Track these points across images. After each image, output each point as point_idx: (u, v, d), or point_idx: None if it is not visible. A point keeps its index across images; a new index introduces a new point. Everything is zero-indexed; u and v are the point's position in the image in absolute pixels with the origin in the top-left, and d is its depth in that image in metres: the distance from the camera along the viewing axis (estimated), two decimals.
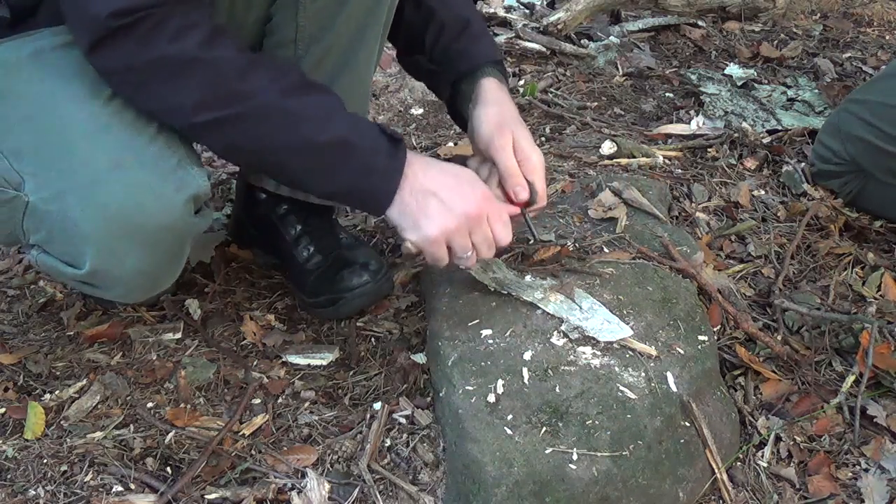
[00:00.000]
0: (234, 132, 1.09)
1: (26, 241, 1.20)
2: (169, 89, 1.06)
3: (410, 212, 1.14)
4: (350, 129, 1.12)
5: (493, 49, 1.38)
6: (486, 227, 1.17)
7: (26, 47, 1.14)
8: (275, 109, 1.08)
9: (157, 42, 1.02)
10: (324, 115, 1.11)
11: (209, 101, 1.06)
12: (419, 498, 1.14)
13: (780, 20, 2.93)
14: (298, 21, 1.23)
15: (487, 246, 1.18)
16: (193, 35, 1.04)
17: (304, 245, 1.48)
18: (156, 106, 1.10)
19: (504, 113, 1.28)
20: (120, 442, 1.21)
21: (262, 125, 1.08)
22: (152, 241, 1.14)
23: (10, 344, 1.42)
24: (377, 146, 1.13)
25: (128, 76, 1.06)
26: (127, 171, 1.09)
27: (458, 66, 1.35)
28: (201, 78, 1.05)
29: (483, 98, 1.30)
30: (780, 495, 1.19)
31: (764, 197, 1.83)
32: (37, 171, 1.11)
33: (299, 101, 1.10)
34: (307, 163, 1.12)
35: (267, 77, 1.09)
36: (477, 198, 1.16)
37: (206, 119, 1.07)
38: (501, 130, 1.25)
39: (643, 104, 2.27)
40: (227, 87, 1.06)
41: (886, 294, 1.56)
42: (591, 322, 1.22)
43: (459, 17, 1.37)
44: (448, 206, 1.14)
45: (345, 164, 1.12)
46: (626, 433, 1.10)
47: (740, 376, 1.36)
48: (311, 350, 1.41)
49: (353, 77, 1.31)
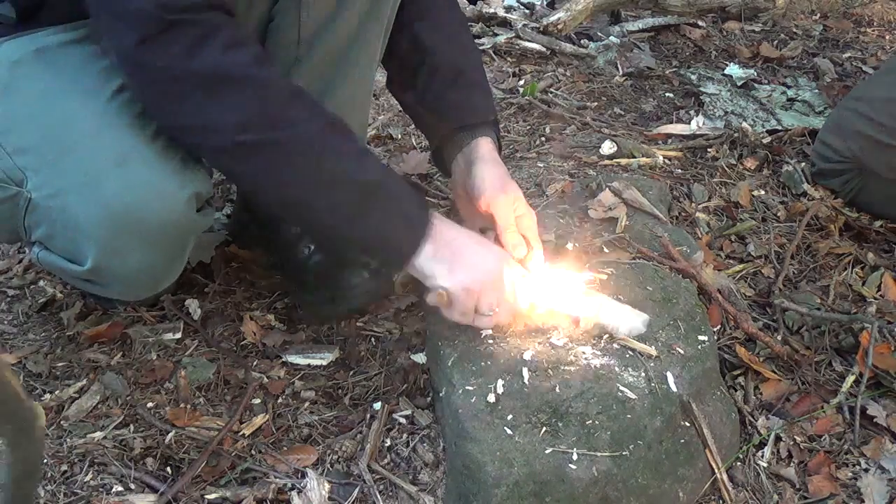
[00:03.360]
0: (272, 158, 1.06)
1: (28, 238, 1.20)
2: (214, 104, 1.02)
3: (445, 259, 1.14)
4: (384, 173, 1.13)
5: (488, 105, 1.39)
6: (513, 289, 1.18)
7: (31, 45, 1.14)
8: (318, 141, 1.07)
9: (209, 51, 0.99)
10: (359, 156, 1.11)
11: (253, 122, 1.03)
12: (419, 498, 1.14)
13: (780, 20, 2.93)
14: (301, 22, 1.23)
15: (509, 307, 1.18)
16: (246, 51, 1.03)
17: (304, 244, 1.48)
18: (192, 121, 1.05)
19: (503, 173, 1.31)
20: (120, 442, 1.21)
21: (302, 154, 1.07)
22: (154, 239, 1.14)
23: (10, 344, 1.42)
24: (409, 195, 1.13)
25: (170, 86, 1.02)
26: (130, 169, 1.09)
27: (452, 120, 1.35)
28: (251, 97, 1.03)
29: (482, 157, 1.31)
30: (780, 495, 1.19)
31: (764, 197, 1.83)
32: (39, 168, 1.11)
33: (339, 137, 1.10)
34: (339, 200, 1.09)
35: (310, 108, 1.08)
36: (503, 258, 1.18)
37: (248, 140, 1.04)
38: (503, 188, 1.27)
39: (643, 104, 2.27)
40: (275, 110, 1.04)
41: (886, 294, 1.56)
42: (607, 317, 1.22)
43: (454, 62, 1.36)
44: (484, 257, 1.15)
45: (378, 205, 1.10)
46: (626, 433, 1.10)
47: (740, 376, 1.36)
48: (311, 350, 1.41)
49: (355, 77, 1.32)
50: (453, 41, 1.40)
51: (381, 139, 2.08)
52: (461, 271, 1.14)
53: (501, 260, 1.18)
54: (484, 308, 1.16)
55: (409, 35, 1.37)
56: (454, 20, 1.44)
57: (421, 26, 1.38)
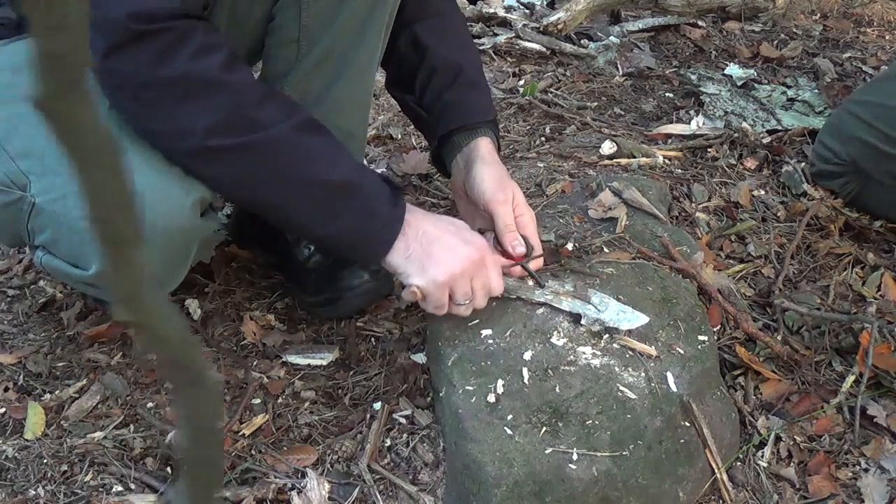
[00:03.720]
0: (243, 161, 1.07)
1: (31, 242, 1.20)
2: (184, 109, 1.03)
3: (416, 256, 1.14)
4: (357, 172, 1.13)
5: (486, 104, 1.39)
6: (487, 274, 1.18)
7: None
8: (288, 142, 1.07)
9: (177, 58, 1.00)
10: (332, 156, 1.11)
11: (223, 126, 1.04)
12: (419, 498, 1.14)
13: (780, 20, 2.93)
14: (301, 20, 1.23)
15: (485, 293, 1.19)
16: (215, 56, 1.03)
17: (304, 244, 1.48)
18: (163, 126, 1.06)
19: (503, 173, 1.32)
20: (120, 442, 1.21)
21: (273, 156, 1.07)
22: (159, 244, 1.14)
23: (10, 344, 1.42)
24: (380, 192, 1.13)
25: (140, 92, 1.03)
26: (135, 173, 1.08)
27: (451, 120, 1.36)
28: (220, 101, 1.03)
29: (481, 157, 1.32)
30: (780, 495, 1.19)
31: (764, 197, 1.83)
32: (43, 172, 1.11)
33: (311, 138, 1.10)
34: (311, 200, 1.11)
35: (282, 110, 1.08)
36: (477, 244, 1.18)
37: (217, 144, 1.05)
38: (503, 188, 1.28)
39: (643, 104, 2.27)
40: (245, 113, 1.05)
41: (886, 294, 1.56)
42: (608, 314, 1.23)
43: (452, 61, 1.37)
44: (453, 250, 1.14)
45: (349, 205, 1.11)
46: (626, 433, 1.10)
47: (740, 376, 1.36)
48: (311, 350, 1.41)
49: (355, 76, 1.31)
50: (452, 41, 1.41)
51: (381, 139, 2.08)
52: (432, 267, 1.14)
53: (473, 248, 1.17)
54: (459, 298, 1.17)
55: (408, 35, 1.38)
56: (453, 20, 1.44)
57: (420, 26, 1.38)
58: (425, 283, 1.15)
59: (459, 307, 1.18)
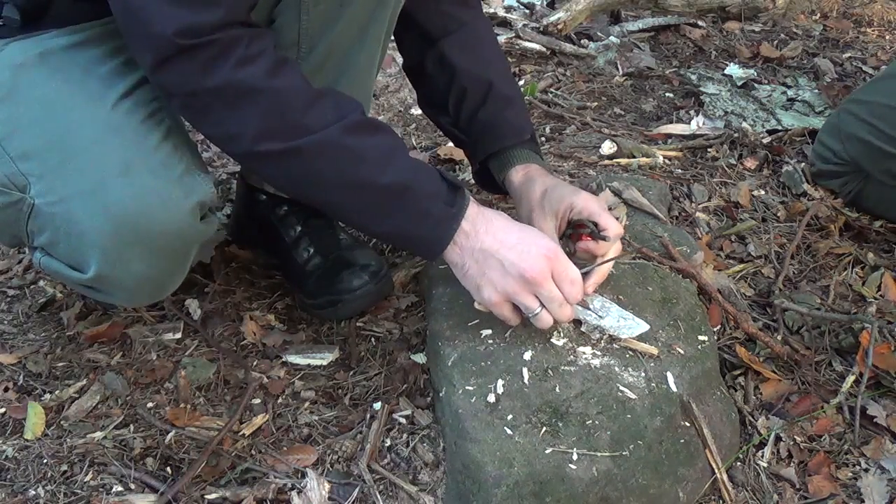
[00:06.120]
0: (292, 165, 1.08)
1: (30, 244, 1.20)
2: (231, 116, 1.05)
3: (472, 274, 1.14)
4: (410, 173, 1.12)
5: (522, 121, 1.38)
6: (552, 287, 1.13)
7: (35, 48, 1.13)
8: (335, 146, 1.08)
9: (221, 68, 1.02)
10: (384, 157, 1.11)
11: (271, 131, 1.06)
12: (419, 498, 1.14)
13: (780, 20, 2.93)
14: (301, 23, 1.23)
15: (557, 304, 1.14)
16: (259, 63, 1.04)
17: (304, 246, 1.48)
18: (215, 132, 1.10)
19: (564, 183, 1.31)
20: (120, 442, 1.22)
21: (320, 161, 1.08)
22: (158, 247, 1.14)
23: (10, 344, 1.42)
24: (436, 192, 1.13)
25: (190, 100, 1.06)
26: (134, 177, 1.09)
27: (490, 143, 1.35)
28: (265, 107, 1.05)
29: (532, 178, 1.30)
30: (780, 495, 1.19)
31: (764, 197, 1.83)
32: (43, 174, 1.11)
33: (361, 140, 1.10)
34: (361, 202, 1.12)
35: (331, 113, 1.08)
36: (540, 257, 1.12)
37: (266, 149, 1.06)
38: (578, 192, 1.25)
39: (643, 104, 2.27)
40: (290, 118, 1.06)
41: (886, 294, 1.56)
42: (608, 321, 1.22)
43: (481, 78, 1.36)
44: (507, 268, 1.12)
45: (400, 207, 1.11)
46: (626, 433, 1.10)
47: (740, 376, 1.36)
48: (311, 350, 1.41)
49: (355, 79, 1.31)
50: (479, 54, 1.39)
51: None
52: (485, 288, 1.14)
53: (539, 258, 1.12)
54: (525, 311, 1.15)
55: (434, 54, 1.37)
56: (476, 30, 1.42)
57: (445, 43, 1.37)
58: (483, 302, 1.16)
59: (536, 319, 1.15)
